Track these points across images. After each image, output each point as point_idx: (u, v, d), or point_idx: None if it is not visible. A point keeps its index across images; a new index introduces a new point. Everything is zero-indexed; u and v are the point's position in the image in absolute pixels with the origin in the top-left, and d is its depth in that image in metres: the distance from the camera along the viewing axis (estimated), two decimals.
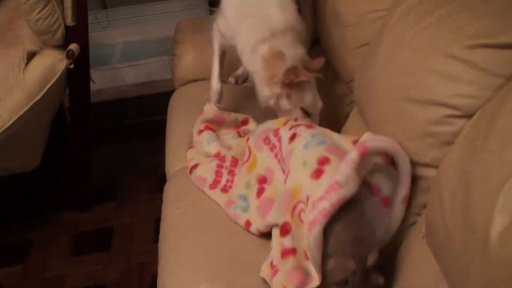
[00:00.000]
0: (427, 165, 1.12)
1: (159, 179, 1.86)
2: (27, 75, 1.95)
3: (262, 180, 1.40)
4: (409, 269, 1.14)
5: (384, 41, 1.31)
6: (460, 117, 1.03)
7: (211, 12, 3.02)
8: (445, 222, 0.95)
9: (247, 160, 1.46)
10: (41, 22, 1.87)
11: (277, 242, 1.21)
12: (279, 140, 1.37)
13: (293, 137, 1.32)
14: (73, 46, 1.97)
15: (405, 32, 1.22)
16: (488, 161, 0.85)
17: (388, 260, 1.22)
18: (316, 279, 1.09)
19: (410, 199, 1.19)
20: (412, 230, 1.20)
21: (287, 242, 1.16)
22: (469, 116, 1.02)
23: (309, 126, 1.35)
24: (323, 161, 1.19)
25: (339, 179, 1.08)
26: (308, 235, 1.08)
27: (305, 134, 1.30)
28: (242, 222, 1.37)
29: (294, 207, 1.19)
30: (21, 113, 1.94)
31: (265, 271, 1.19)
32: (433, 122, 1.08)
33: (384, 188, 1.20)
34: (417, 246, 1.13)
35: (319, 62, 1.50)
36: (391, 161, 1.18)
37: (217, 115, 1.73)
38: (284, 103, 1.51)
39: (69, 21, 1.96)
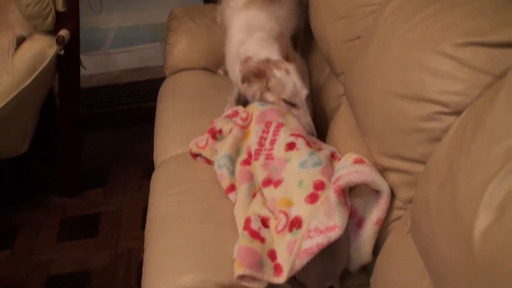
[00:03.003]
0: (416, 161, 1.12)
1: (149, 166, 1.86)
2: (17, 60, 1.93)
3: (250, 155, 1.47)
4: (392, 264, 1.15)
5: (376, 35, 1.30)
6: (449, 114, 1.03)
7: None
8: (430, 219, 0.95)
9: (247, 126, 1.50)
10: (32, 7, 1.85)
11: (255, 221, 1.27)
12: (275, 134, 1.42)
13: (291, 146, 1.37)
14: (63, 32, 1.95)
15: (397, 28, 1.21)
16: (475, 160, 0.86)
17: (372, 255, 1.23)
18: (283, 277, 1.16)
19: (384, 220, 1.22)
20: (397, 224, 1.20)
21: (264, 232, 1.25)
22: (458, 113, 1.01)
23: (308, 144, 1.39)
24: (319, 186, 1.24)
25: (337, 223, 1.13)
26: (296, 260, 1.13)
27: (303, 150, 1.35)
28: (226, 184, 1.44)
29: (278, 212, 1.26)
30: (9, 98, 1.92)
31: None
32: (422, 118, 1.08)
33: (361, 211, 1.24)
34: (402, 241, 1.14)
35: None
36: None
37: None
38: (268, 96, 1.58)
39: (60, 7, 1.94)
